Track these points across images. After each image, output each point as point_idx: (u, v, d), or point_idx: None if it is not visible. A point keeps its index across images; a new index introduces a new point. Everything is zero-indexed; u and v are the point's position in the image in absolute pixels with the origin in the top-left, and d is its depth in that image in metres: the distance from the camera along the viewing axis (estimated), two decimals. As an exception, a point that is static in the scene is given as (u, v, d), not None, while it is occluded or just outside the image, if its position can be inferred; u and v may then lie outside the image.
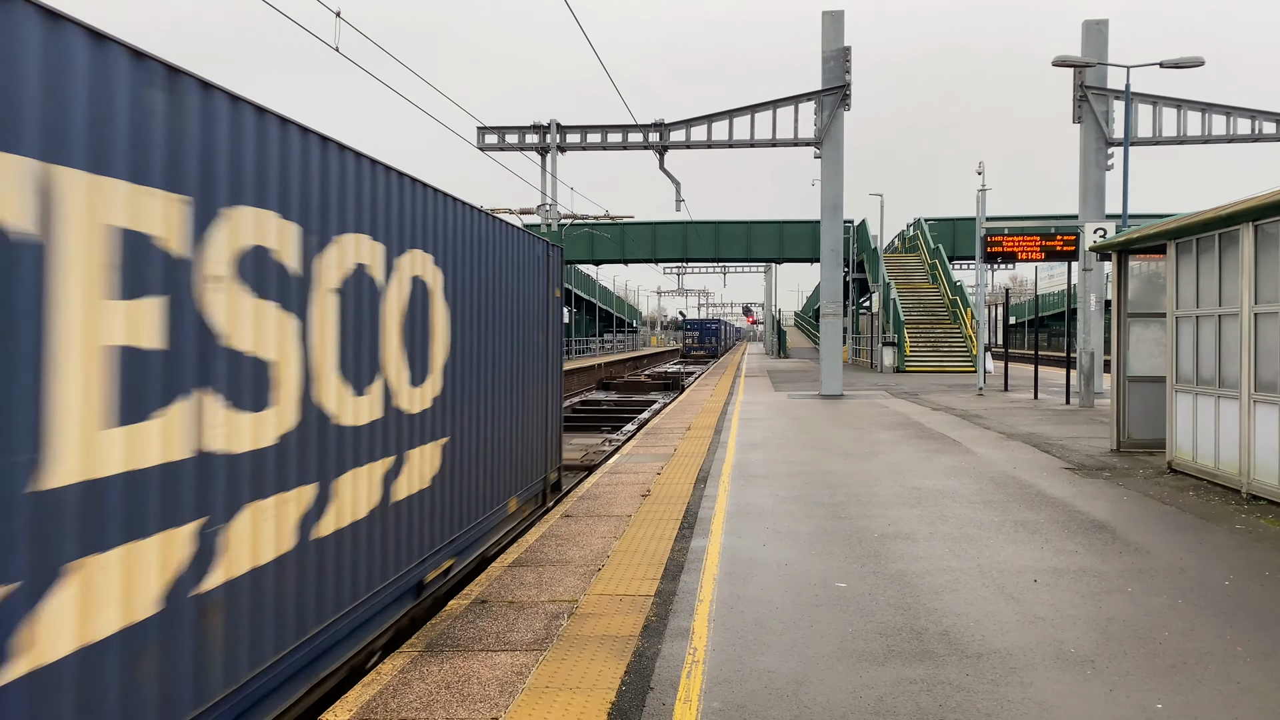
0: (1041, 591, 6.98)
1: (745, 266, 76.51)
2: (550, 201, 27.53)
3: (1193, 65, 20.71)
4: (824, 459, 13.91)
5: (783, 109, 25.88)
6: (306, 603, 5.19)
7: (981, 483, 11.70)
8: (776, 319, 78.03)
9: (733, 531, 9.06)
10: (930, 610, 6.55)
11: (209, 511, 4.29)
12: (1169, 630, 6.11)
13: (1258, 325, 10.51)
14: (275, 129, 4.85)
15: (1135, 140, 24.88)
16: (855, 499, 10.66)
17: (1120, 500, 10.59)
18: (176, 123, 4.07)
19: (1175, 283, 12.59)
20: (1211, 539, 8.70)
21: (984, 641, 5.91)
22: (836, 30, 25.93)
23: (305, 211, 5.12)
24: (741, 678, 5.35)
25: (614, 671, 5.46)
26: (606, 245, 49.94)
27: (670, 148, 26.10)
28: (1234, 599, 6.79)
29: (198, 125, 4.21)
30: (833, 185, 26.14)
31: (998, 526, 9.19)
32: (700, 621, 6.35)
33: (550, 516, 9.99)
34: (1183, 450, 12.40)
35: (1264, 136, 25.98)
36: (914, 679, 5.30)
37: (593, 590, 7.12)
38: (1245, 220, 10.63)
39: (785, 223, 50.55)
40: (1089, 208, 25.67)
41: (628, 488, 11.65)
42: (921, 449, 14.96)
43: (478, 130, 26.89)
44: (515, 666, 5.57)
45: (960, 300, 43.57)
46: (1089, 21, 25.36)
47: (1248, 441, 10.70)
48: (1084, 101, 25.47)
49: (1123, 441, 14.69)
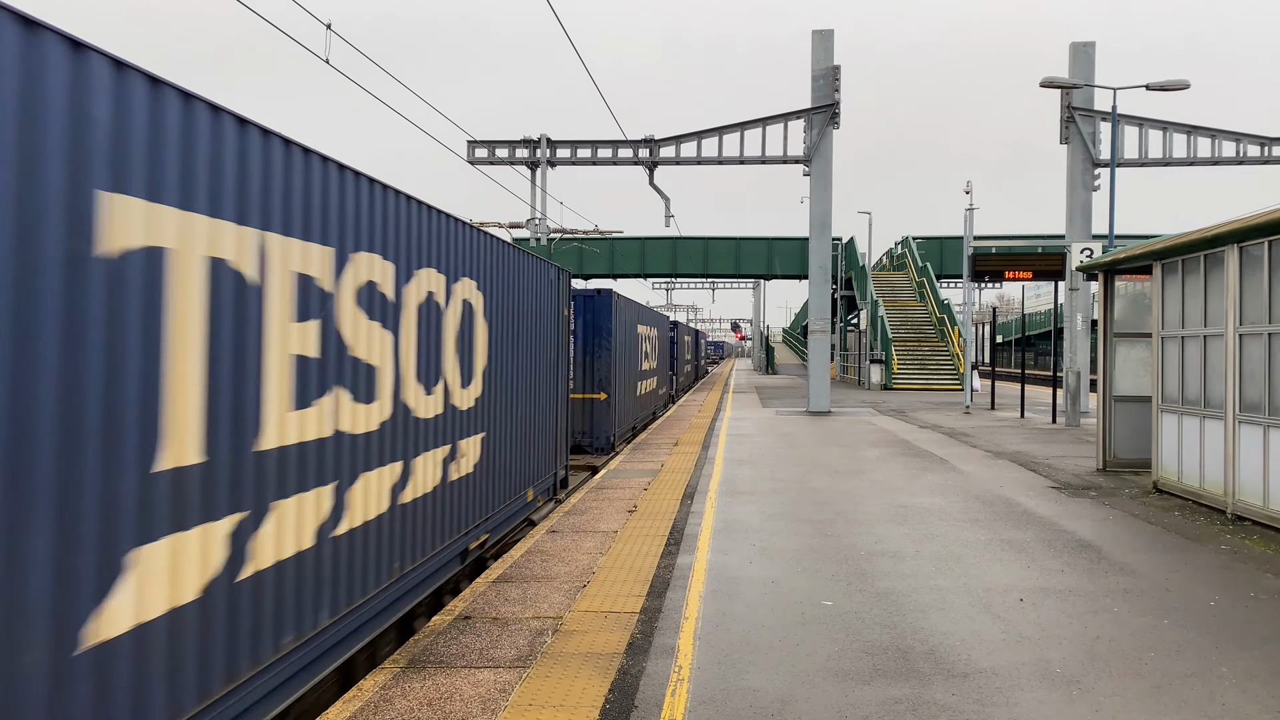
0: (1028, 611, 6.97)
1: (734, 282, 76.70)
2: (540, 216, 27.54)
3: (1178, 88, 20.91)
4: (811, 476, 13.89)
5: (772, 126, 25.99)
6: (394, 551, 6.68)
7: (968, 501, 11.70)
8: (765, 335, 78.13)
9: (719, 548, 9.03)
10: (917, 629, 6.53)
11: (339, 477, 5.77)
12: (1154, 650, 6.10)
13: (1242, 346, 10.57)
14: (385, 194, 6.41)
15: (1122, 161, 25.09)
16: (842, 516, 10.64)
17: (1106, 520, 10.61)
18: (330, 194, 5.62)
19: (1161, 303, 12.66)
20: (1197, 559, 8.71)
21: (970, 661, 5.88)
22: (826, 49, 26.10)
23: (397, 252, 6.62)
24: (726, 696, 5.31)
25: (598, 689, 5.41)
26: (595, 260, 49.93)
27: (660, 164, 26.17)
28: (1219, 619, 6.79)
29: (338, 193, 5.72)
30: (821, 203, 26.24)
31: (984, 545, 9.19)
32: (686, 639, 6.31)
33: (536, 531, 9.93)
34: (1168, 470, 12.44)
35: (1248, 159, 26.25)
36: (900, 699, 5.27)
37: (577, 607, 7.07)
38: (1230, 242, 10.71)
39: (774, 239, 50.68)
40: (1076, 228, 25.84)
41: (614, 503, 11.60)
42: (909, 467, 14.97)
43: (468, 144, 26.91)
44: (498, 684, 5.52)
45: (948, 318, 43.76)
46: (1076, 44, 25.59)
47: (1232, 462, 10.74)
48: (1071, 122, 25.67)
49: (1108, 461, 14.73)
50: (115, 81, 3.82)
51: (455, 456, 7.98)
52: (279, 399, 5.04)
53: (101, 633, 3.74)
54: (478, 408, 8.60)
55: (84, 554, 3.66)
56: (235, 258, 4.62)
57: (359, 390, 6.00)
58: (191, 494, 4.31)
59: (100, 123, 3.72)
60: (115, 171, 3.79)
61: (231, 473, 4.62)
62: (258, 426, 4.84)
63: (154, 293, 4.04)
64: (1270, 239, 10.02)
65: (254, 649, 4.87)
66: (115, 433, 3.82)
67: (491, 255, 8.96)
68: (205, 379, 4.41)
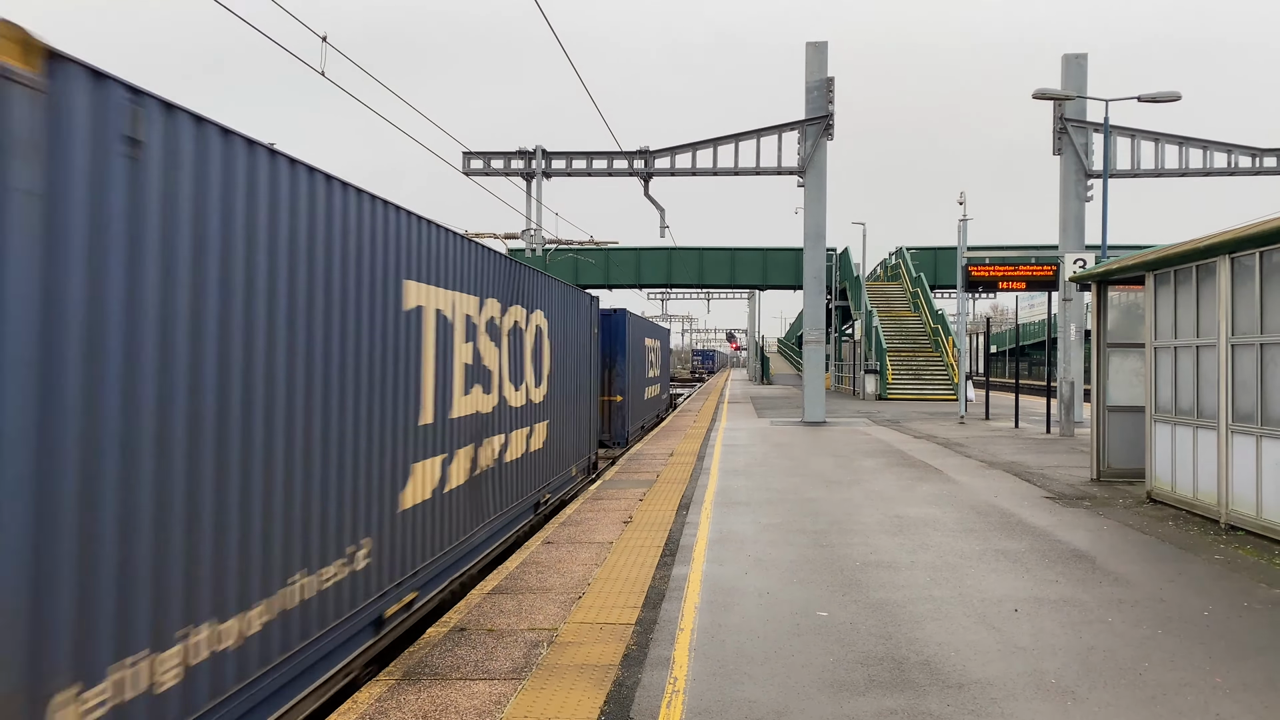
0: (1023, 621, 6.98)
1: (729, 293, 76.80)
2: (535, 227, 27.56)
3: (1169, 99, 21.04)
4: (806, 486, 13.90)
5: (766, 137, 26.08)
6: (503, 498, 10.11)
7: (963, 511, 11.72)
8: (760, 345, 78.18)
9: (715, 559, 9.03)
10: (912, 639, 6.53)
11: (476, 440, 8.98)
12: (1149, 660, 6.11)
13: (1235, 356, 10.61)
14: (498, 257, 9.66)
15: (1114, 172, 25.21)
16: (837, 527, 10.65)
17: (1100, 530, 10.63)
18: (477, 261, 8.94)
19: (1154, 314, 12.71)
20: (1191, 569, 8.74)
21: (965, 671, 5.89)
22: (820, 61, 26.20)
23: (502, 294, 9.83)
24: (722, 708, 5.31)
25: (593, 701, 5.40)
26: (591, 270, 49.97)
27: (654, 175, 26.22)
28: (1213, 629, 6.81)
29: (477, 259, 8.97)
30: (815, 213, 26.31)
31: (979, 555, 9.20)
32: (681, 650, 6.30)
33: (531, 543, 9.93)
34: (1161, 480, 12.47)
35: (1239, 170, 26.38)
36: (895, 709, 5.28)
37: (573, 618, 7.07)
38: (1222, 253, 10.77)
39: (769, 250, 50.75)
40: (1069, 238, 25.95)
41: (610, 514, 11.60)
42: (903, 477, 14.98)
43: (463, 155, 26.94)
44: (493, 696, 5.51)
45: (942, 328, 43.82)
46: (1068, 55, 25.75)
47: (1225, 472, 10.77)
48: (1064, 134, 25.80)
49: (1102, 471, 14.76)
50: (416, 225, 7.26)
51: (532, 434, 11.41)
52: (459, 388, 8.41)
53: (404, 504, 7.13)
54: (545, 402, 12.07)
55: (396, 464, 6.95)
56: (445, 308, 7.98)
57: (488, 386, 9.35)
58: (430, 439, 7.66)
59: (409, 242, 7.12)
60: (408, 268, 7.12)
61: (442, 429, 7.95)
62: (450, 404, 8.15)
63: (419, 329, 7.34)
64: (1262, 250, 10.08)
65: (473, 517, 9.01)
66: (409, 403, 7.17)
67: (553, 292, 12.44)
68: (434, 376, 7.69)
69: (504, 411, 9.93)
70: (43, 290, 3.48)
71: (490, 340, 9.34)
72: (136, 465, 4.00)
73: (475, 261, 8.86)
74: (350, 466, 6.14)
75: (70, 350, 3.62)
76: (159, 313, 4.14)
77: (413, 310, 7.15)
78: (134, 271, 3.99)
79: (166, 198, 4.20)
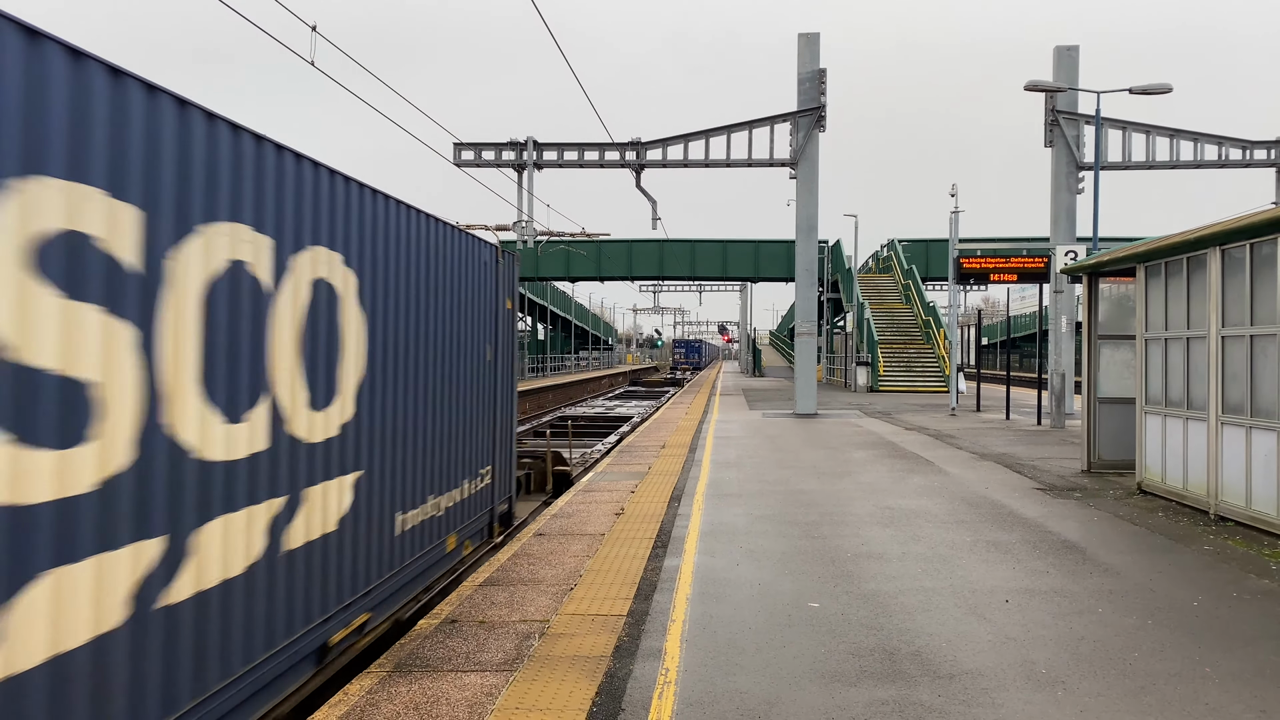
0: (1013, 612, 7.00)
1: (721, 285, 76.83)
2: (527, 218, 27.50)
3: (1161, 91, 21.07)
4: (798, 478, 13.92)
5: (758, 129, 26.03)
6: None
7: (954, 503, 11.75)
8: (752, 338, 78.22)
9: (706, 551, 9.03)
10: (903, 630, 6.55)
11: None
12: (1139, 651, 6.13)
13: (1225, 348, 10.65)
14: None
15: (1106, 164, 25.24)
16: (829, 518, 10.67)
17: (1091, 521, 10.67)
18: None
19: (1144, 305, 12.74)
20: (1180, 560, 8.77)
21: (956, 662, 5.90)
22: (812, 53, 26.15)
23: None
24: (714, 699, 5.31)
25: (585, 692, 5.40)
26: (582, 262, 49.92)
27: (646, 166, 26.17)
28: (1203, 619, 6.84)
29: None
30: (807, 205, 26.29)
31: (970, 547, 9.22)
32: (673, 642, 6.30)
33: (523, 535, 9.91)
34: (1152, 471, 12.52)
35: (1230, 162, 26.45)
36: (886, 700, 5.29)
37: (564, 610, 7.06)
38: (1212, 245, 10.79)
39: (761, 242, 50.75)
40: (1060, 230, 25.97)
41: (601, 506, 11.59)
42: (895, 469, 15.01)
43: (454, 146, 26.84)
44: (485, 687, 5.50)
45: (934, 321, 43.90)
46: (1060, 47, 25.74)
47: (1215, 463, 10.81)
48: (1055, 126, 25.81)
49: (1093, 462, 14.81)
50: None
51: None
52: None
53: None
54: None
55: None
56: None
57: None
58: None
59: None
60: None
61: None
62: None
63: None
64: (1252, 242, 10.10)
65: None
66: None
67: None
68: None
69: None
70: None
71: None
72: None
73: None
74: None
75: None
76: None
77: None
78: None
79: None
